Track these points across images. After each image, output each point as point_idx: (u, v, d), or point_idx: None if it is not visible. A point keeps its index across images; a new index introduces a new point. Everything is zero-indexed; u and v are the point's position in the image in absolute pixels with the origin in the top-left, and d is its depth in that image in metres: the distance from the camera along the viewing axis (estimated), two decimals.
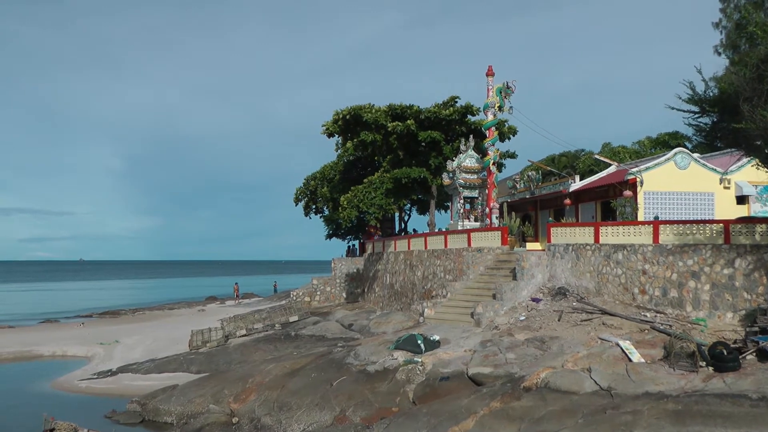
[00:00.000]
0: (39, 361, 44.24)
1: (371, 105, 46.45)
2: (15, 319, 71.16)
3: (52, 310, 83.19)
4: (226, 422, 24.68)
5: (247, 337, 41.02)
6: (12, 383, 37.09)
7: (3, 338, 50.38)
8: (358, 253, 61.26)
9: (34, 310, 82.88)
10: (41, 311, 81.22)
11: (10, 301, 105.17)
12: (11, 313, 79.52)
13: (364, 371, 25.24)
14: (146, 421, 27.22)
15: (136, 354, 42.20)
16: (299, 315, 44.39)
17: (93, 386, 34.53)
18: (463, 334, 27.32)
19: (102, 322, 67.01)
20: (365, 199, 43.93)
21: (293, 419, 22.96)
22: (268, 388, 25.93)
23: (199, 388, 28.30)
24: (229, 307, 73.86)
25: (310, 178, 64.02)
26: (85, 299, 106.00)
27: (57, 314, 76.75)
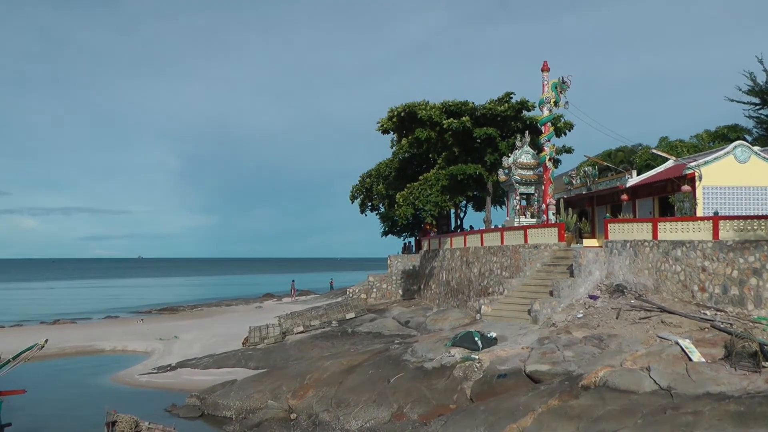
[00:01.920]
0: (100, 356, 45.29)
1: (426, 102, 46.42)
2: (77, 315, 72.88)
3: (112, 306, 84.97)
4: (284, 418, 24.97)
5: (305, 334, 41.39)
6: (75, 377, 38.05)
7: (66, 333, 51.64)
8: (414, 250, 61.33)
9: (95, 307, 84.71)
10: (102, 307, 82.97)
11: (72, 298, 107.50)
12: (73, 309, 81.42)
13: (422, 368, 25.31)
14: (206, 415, 27.68)
15: (195, 349, 42.88)
16: (356, 312, 44.65)
17: (153, 380, 35.23)
18: (520, 331, 27.22)
19: (161, 318, 68.27)
20: (421, 196, 43.92)
21: (351, 416, 23.15)
22: (326, 385, 26.14)
23: (257, 384, 28.65)
24: (285, 304, 74.52)
25: (365, 175, 64.24)
26: (143, 296, 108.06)
27: (117, 310, 78.38)
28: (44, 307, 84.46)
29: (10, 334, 43.59)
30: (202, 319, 63.99)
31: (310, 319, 43.84)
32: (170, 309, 78.70)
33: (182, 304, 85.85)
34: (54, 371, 38.98)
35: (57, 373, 38.83)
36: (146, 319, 66.08)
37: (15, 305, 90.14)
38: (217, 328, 52.18)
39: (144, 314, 72.75)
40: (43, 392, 31.72)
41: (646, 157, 51.81)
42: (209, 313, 70.48)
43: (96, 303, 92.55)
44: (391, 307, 47.26)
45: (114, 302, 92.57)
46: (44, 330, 54.58)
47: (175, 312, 75.13)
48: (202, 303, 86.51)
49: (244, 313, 67.35)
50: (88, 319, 69.20)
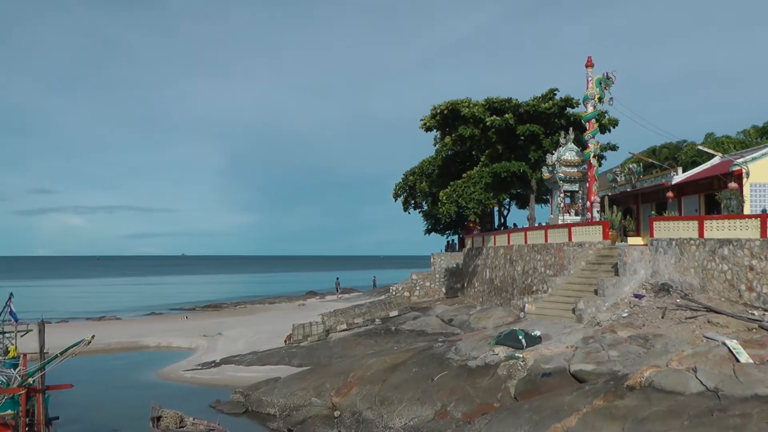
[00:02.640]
0: (145, 352, 46.14)
1: (469, 99, 46.26)
2: (122, 311, 74.28)
3: (156, 303, 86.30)
4: (328, 415, 25.18)
5: (348, 332, 41.60)
6: (120, 372, 38.84)
7: (111, 329, 52.65)
8: (457, 248, 61.17)
9: (139, 304, 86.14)
10: (146, 304, 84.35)
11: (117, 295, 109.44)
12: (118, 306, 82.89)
13: (465, 366, 25.34)
14: (250, 411, 28.10)
15: (239, 346, 43.37)
16: (399, 310, 44.78)
17: (197, 376, 35.78)
18: (564, 330, 27.08)
19: (205, 315, 69.18)
20: (464, 194, 43.81)
21: (394, 413, 23.27)
22: (370, 383, 26.29)
23: (301, 381, 28.93)
24: (328, 302, 74.91)
25: (408, 173, 64.20)
26: (187, 293, 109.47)
27: (161, 307, 79.69)
28: (90, 304, 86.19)
29: (57, 329, 44.38)
30: (245, 316, 64.70)
31: (353, 316, 44.05)
32: (214, 306, 79.64)
33: (226, 301, 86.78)
34: (100, 366, 39.87)
35: (103, 368, 39.69)
36: (190, 316, 67.05)
37: (61, 302, 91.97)
38: (261, 326, 52.67)
39: (188, 311, 73.83)
40: (89, 387, 32.36)
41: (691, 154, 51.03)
42: (252, 311, 71.24)
43: (140, 300, 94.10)
44: (435, 305, 47.26)
45: (158, 299, 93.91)
46: (90, 326, 55.63)
47: (218, 309, 76.01)
48: (246, 300, 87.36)
49: (288, 310, 67.90)
50: (133, 315, 70.38)
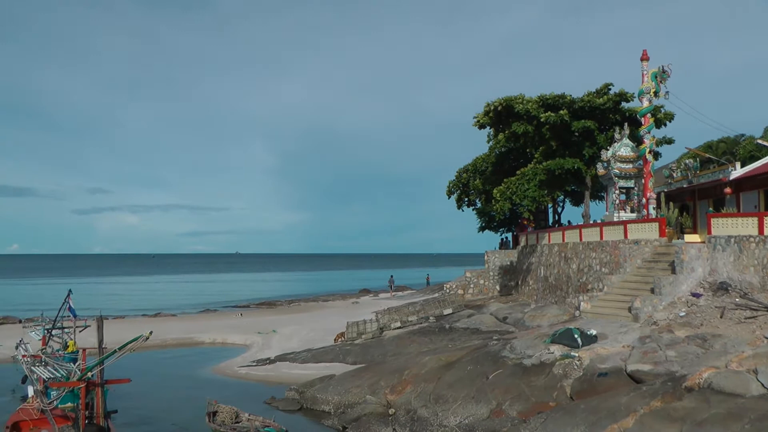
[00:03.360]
0: (200, 348, 46.87)
1: (522, 95, 46.01)
2: (177, 308, 75.51)
3: (210, 300, 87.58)
4: (382, 413, 25.30)
5: (402, 330, 41.71)
6: (177, 367, 39.55)
7: (167, 326, 53.51)
8: (511, 245, 60.89)
9: (194, 300, 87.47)
10: (201, 301, 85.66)
11: (172, 292, 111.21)
12: (173, 302, 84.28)
13: (520, 365, 25.27)
14: (304, 408, 28.31)
15: (293, 343, 43.73)
16: (453, 308, 44.75)
17: (252, 373, 36.21)
18: (620, 329, 26.82)
19: (259, 312, 69.89)
20: (518, 191, 43.60)
21: (449, 411, 23.31)
22: (424, 380, 26.33)
23: (355, 379, 29.09)
24: (382, 300, 75.05)
25: (462, 170, 64.06)
26: (241, 290, 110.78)
27: (215, 304, 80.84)
28: (145, 301, 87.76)
29: (114, 325, 45.48)
30: (299, 313, 65.17)
31: (407, 314, 44.15)
32: (268, 303, 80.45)
33: (280, 298, 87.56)
34: (157, 362, 40.58)
35: (159, 363, 40.42)
36: (244, 313, 67.72)
37: (118, 298, 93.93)
38: (315, 323, 53.03)
39: (242, 308, 74.65)
40: (146, 382, 32.83)
41: (750, 148, 50.00)
42: (306, 308, 71.71)
43: (194, 297, 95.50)
44: (489, 303, 47.11)
45: (212, 296, 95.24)
46: (146, 322, 56.71)
47: (272, 306, 76.76)
48: (300, 298, 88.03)
49: (341, 308, 68.22)
50: (188, 312, 71.53)
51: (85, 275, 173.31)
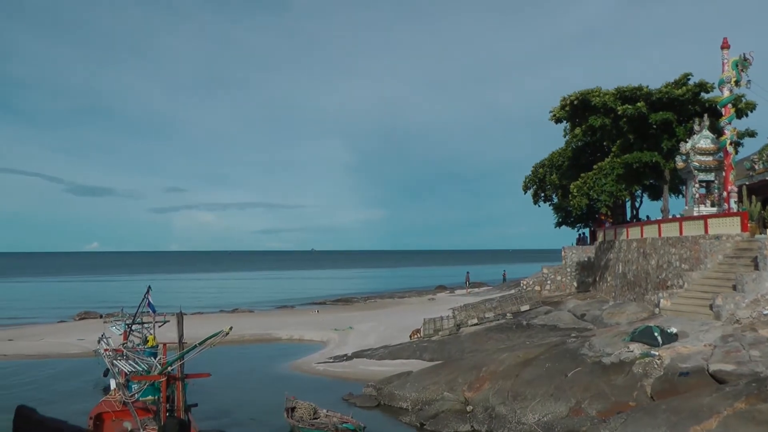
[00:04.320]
0: (278, 344, 47.68)
1: (599, 88, 45.41)
2: (254, 304, 76.85)
3: (287, 297, 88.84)
4: (460, 410, 25.38)
5: (479, 326, 41.68)
6: (255, 363, 40.33)
7: (245, 321, 54.55)
8: (588, 241, 60.26)
9: (271, 297, 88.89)
10: (277, 298, 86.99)
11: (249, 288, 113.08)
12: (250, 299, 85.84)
13: (599, 363, 25.03)
14: (382, 405, 28.52)
15: (370, 340, 44.11)
16: (530, 304, 44.48)
17: (329, 369, 36.66)
18: (701, 327, 26.29)
19: (335, 309, 70.68)
20: (595, 185, 43.09)
21: (528, 409, 23.27)
22: (502, 378, 26.32)
23: (433, 376, 29.21)
24: (458, 296, 75.05)
25: (538, 165, 63.63)
26: (317, 287, 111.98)
27: (292, 301, 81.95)
28: (222, 297, 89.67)
29: (192, 321, 46.64)
30: (375, 310, 65.63)
31: (484, 311, 44.10)
32: (344, 300, 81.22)
33: (356, 295, 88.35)
34: (235, 357, 41.37)
35: (238, 359, 41.21)
36: (321, 310, 68.59)
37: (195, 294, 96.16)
38: (391, 320, 53.36)
39: (318, 305, 75.52)
40: (225, 377, 33.48)
41: None
42: (382, 305, 72.14)
43: (271, 294, 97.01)
44: (566, 299, 46.72)
45: (289, 293, 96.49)
46: (223, 318, 58.08)
47: (348, 303, 77.48)
48: (375, 295, 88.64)
49: (417, 305, 68.44)
50: (265, 308, 72.74)
51: (163, 272, 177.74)
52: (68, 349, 45.23)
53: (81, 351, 43.36)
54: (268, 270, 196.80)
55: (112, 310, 58.20)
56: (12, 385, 35.10)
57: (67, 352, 44.16)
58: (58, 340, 49.11)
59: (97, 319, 60.42)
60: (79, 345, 45.65)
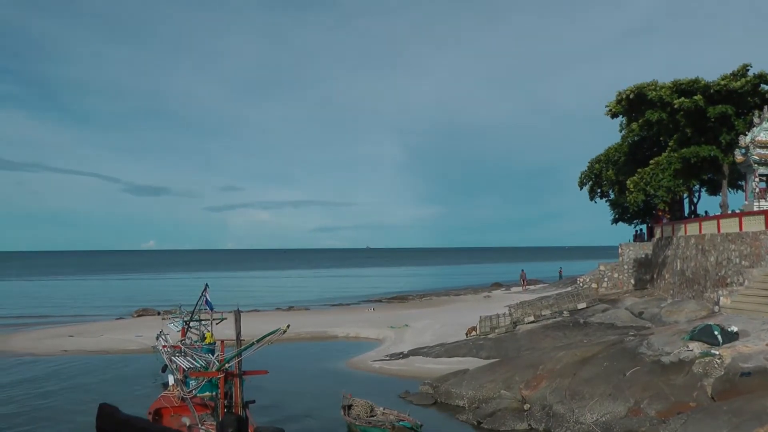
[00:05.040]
0: (334, 341, 48.19)
1: (655, 82, 44.75)
2: (310, 302, 77.69)
3: (343, 294, 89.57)
4: (517, 408, 25.37)
5: (535, 324, 41.55)
6: (311, 360, 40.80)
7: (301, 319, 55.17)
8: (645, 237, 59.46)
9: (327, 295, 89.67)
10: (333, 295, 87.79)
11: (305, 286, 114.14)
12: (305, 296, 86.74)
13: (658, 362, 24.79)
14: (438, 403, 28.69)
15: (426, 338, 44.25)
16: (587, 302, 44.19)
17: (386, 367, 36.91)
18: (763, 326, 25.78)
19: (391, 306, 70.97)
20: (652, 181, 42.51)
21: (585, 408, 23.18)
22: (559, 376, 26.23)
23: (489, 374, 29.23)
24: (514, 294, 74.72)
25: (594, 161, 62.95)
26: (373, 285, 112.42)
27: (348, 298, 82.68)
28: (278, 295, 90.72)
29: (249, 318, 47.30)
30: (431, 308, 65.73)
31: (540, 308, 43.96)
32: (400, 298, 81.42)
33: (411, 293, 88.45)
34: (292, 355, 41.82)
35: (294, 356, 41.67)
36: (376, 307, 68.89)
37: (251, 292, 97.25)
38: (447, 317, 53.39)
39: (374, 303, 75.85)
40: (282, 374, 33.65)
41: None
42: (438, 302, 72.21)
43: (327, 291, 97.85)
44: (623, 297, 46.20)
45: (344, 291, 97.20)
46: (280, 315, 58.84)
47: (404, 301, 77.65)
48: (431, 292, 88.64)
49: (473, 302, 68.37)
50: (321, 306, 73.37)
51: (219, 270, 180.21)
52: (127, 345, 46.46)
53: (139, 347, 44.43)
54: (323, 268, 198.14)
55: (169, 307, 59.53)
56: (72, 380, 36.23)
57: (125, 348, 45.40)
58: (116, 336, 50.45)
59: (154, 316, 61.82)
60: (137, 341, 46.74)
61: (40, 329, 56.52)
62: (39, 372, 38.45)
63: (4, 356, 43.59)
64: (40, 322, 62.02)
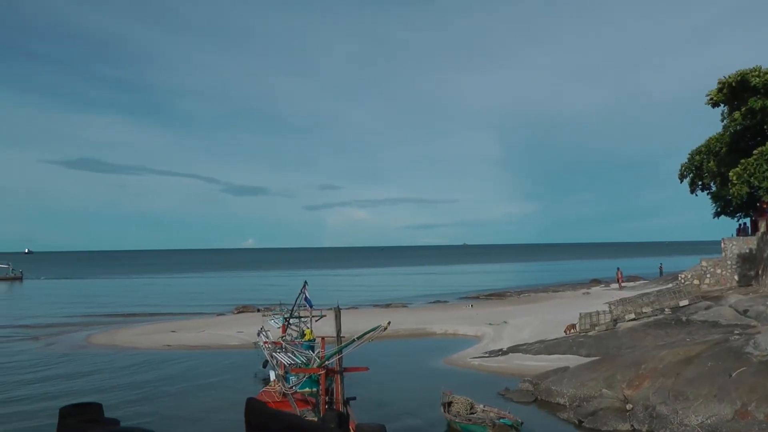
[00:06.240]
0: (432, 338, 48.55)
1: (759, 67, 43.33)
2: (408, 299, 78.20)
3: (440, 291, 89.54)
4: (619, 408, 25.14)
5: (636, 321, 40.85)
6: (410, 358, 41.26)
7: (399, 316, 55.65)
8: (750, 231, 57.58)
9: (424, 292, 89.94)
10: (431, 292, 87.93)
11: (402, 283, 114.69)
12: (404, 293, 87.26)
13: (766, 362, 24.20)
14: (539, 400, 28.67)
15: (525, 335, 44.11)
16: (689, 299, 43.15)
17: (484, 364, 37.04)
18: None
19: (489, 303, 70.85)
20: (756, 172, 41.24)
21: (690, 410, 22.83)
22: (662, 376, 25.88)
23: (590, 372, 29.04)
24: (613, 291, 73.48)
25: (694, 152, 61.25)
26: (470, 281, 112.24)
27: (445, 295, 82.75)
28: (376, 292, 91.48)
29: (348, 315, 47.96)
30: (529, 304, 65.40)
31: (640, 306, 43.15)
32: (497, 294, 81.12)
33: (509, 289, 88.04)
34: (391, 351, 42.24)
35: (393, 353, 42.14)
36: (474, 304, 68.80)
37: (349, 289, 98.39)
38: (546, 314, 53.04)
39: (472, 299, 75.78)
40: (382, 371, 34.06)
41: None
42: (536, 299, 71.79)
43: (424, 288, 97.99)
44: (727, 294, 44.88)
45: (442, 288, 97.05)
46: (378, 313, 59.53)
47: (502, 297, 77.40)
48: (529, 289, 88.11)
49: (571, 299, 67.63)
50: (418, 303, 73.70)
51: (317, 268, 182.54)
52: (228, 341, 47.88)
53: (240, 343, 45.79)
54: (421, 265, 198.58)
55: (268, 304, 60.92)
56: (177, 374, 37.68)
57: (226, 344, 46.79)
58: (218, 332, 52.03)
59: (254, 312, 63.32)
60: (238, 337, 48.18)
61: (144, 325, 59.02)
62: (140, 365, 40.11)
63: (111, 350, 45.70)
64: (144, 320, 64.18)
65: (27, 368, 39.58)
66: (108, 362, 40.90)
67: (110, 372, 38.15)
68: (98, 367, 39.34)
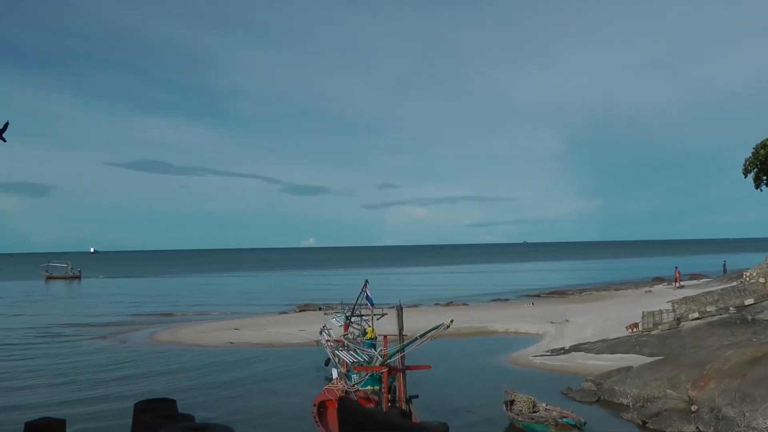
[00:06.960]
0: (493, 337, 48.54)
1: None
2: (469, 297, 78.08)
3: (501, 289, 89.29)
4: (684, 409, 24.82)
5: (700, 321, 40.26)
6: (472, 355, 41.35)
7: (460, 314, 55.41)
8: None
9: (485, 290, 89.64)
10: (491, 291, 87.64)
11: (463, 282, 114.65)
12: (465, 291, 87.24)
13: None
14: (602, 400, 28.51)
15: (587, 333, 43.78)
16: (755, 297, 42.33)
17: (546, 363, 36.93)
18: None
19: (550, 301, 70.47)
20: None
21: (758, 412, 22.46)
22: (728, 376, 25.46)
23: (654, 372, 28.74)
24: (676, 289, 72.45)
25: (759, 146, 59.92)
26: (531, 279, 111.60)
27: (506, 294, 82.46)
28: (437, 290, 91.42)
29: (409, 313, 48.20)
30: (590, 303, 64.84)
31: (704, 304, 42.44)
32: (559, 293, 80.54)
33: (570, 287, 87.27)
34: (452, 350, 42.36)
35: (455, 351, 42.25)
36: (535, 302, 68.42)
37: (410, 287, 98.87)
38: (608, 313, 52.56)
39: (533, 298, 75.36)
40: (444, 369, 34.19)
41: None
42: (598, 297, 71.12)
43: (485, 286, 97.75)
44: None
45: (502, 286, 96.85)
46: (439, 311, 59.82)
47: (563, 296, 76.86)
48: (591, 287, 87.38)
49: (633, 297, 66.85)
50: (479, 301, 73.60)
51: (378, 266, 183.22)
52: (290, 338, 48.47)
53: (302, 341, 46.38)
54: (481, 263, 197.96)
55: (330, 302, 61.49)
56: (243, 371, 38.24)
57: (288, 342, 47.37)
58: (280, 330, 52.79)
59: (316, 311, 64.06)
60: (300, 335, 48.79)
61: (207, 322, 60.12)
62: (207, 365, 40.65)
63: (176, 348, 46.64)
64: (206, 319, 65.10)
65: (101, 367, 40.29)
66: (175, 361, 41.67)
67: (178, 370, 38.88)
68: (167, 366, 40.08)
